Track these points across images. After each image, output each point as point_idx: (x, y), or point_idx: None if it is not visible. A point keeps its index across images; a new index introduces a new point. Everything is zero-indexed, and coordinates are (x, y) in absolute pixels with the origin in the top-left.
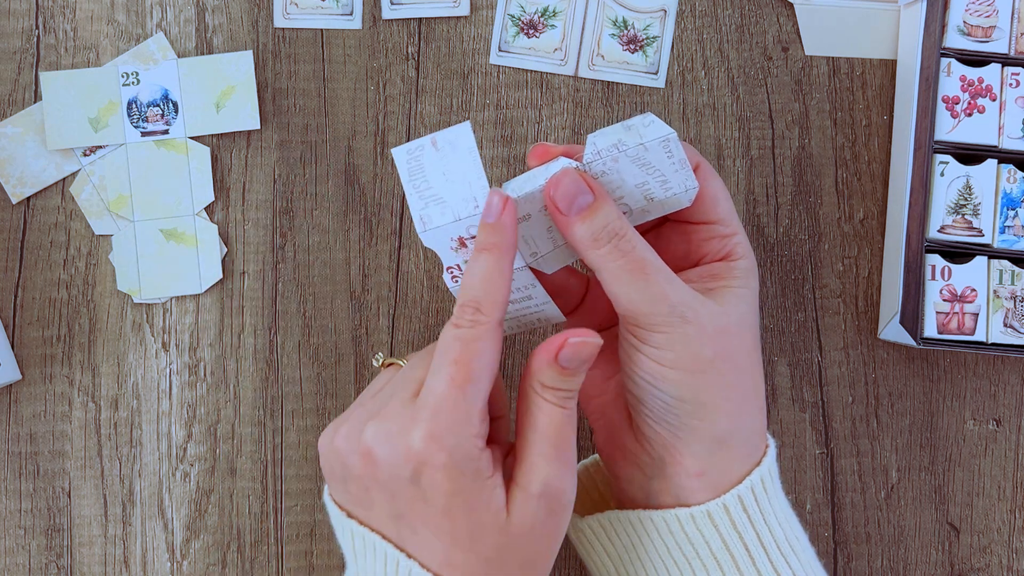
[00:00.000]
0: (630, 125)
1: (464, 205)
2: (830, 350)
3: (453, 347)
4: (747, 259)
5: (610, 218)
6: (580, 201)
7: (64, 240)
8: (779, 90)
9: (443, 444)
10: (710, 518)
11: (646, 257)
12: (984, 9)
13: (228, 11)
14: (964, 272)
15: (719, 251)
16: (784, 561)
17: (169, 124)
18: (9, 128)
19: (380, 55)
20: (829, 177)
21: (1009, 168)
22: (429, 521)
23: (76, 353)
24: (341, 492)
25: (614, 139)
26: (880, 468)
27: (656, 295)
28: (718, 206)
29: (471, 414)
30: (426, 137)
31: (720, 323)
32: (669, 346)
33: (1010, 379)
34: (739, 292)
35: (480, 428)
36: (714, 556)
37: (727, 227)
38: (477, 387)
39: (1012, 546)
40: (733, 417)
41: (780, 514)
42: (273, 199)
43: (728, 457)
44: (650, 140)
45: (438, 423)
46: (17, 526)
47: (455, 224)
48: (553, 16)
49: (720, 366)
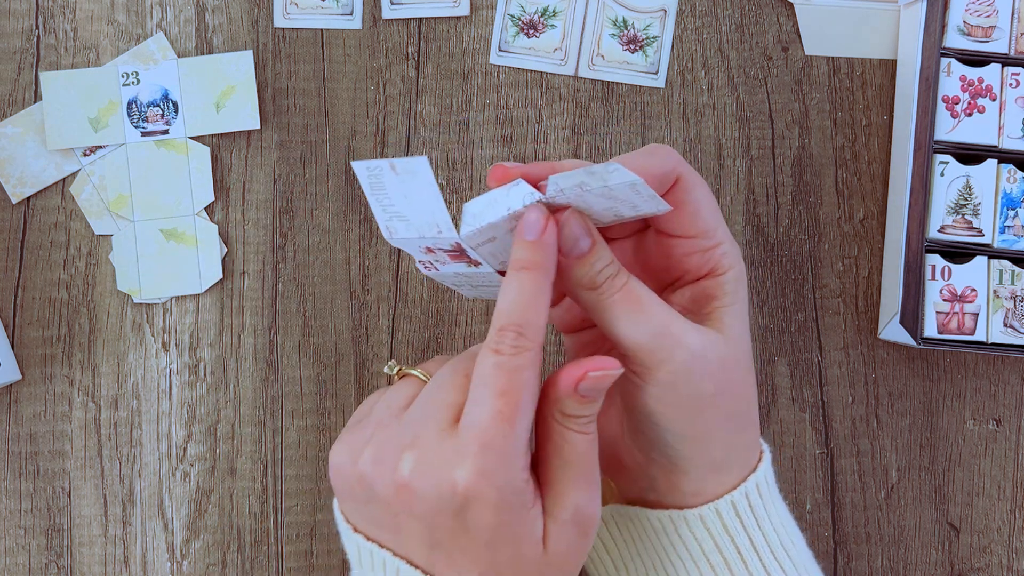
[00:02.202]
0: (593, 171)
1: (428, 228)
2: (830, 350)
3: (498, 377)
4: (735, 268)
5: (607, 260)
6: (580, 246)
7: (64, 240)
8: (779, 90)
9: (493, 481)
10: (702, 521)
11: (642, 291)
12: (984, 9)
13: (228, 11)
14: (964, 272)
15: (702, 266)
16: (777, 565)
17: (169, 124)
18: (9, 128)
19: (380, 55)
20: (829, 177)
21: (1009, 168)
22: (468, 552)
23: (76, 353)
24: (357, 512)
25: (577, 181)
26: (880, 468)
27: (658, 328)
28: (699, 219)
29: (519, 448)
30: (384, 160)
31: (721, 353)
32: (672, 386)
33: (1010, 379)
34: (732, 310)
35: (526, 460)
36: (706, 557)
37: (710, 239)
38: (525, 420)
39: (1012, 546)
40: (729, 444)
41: (775, 518)
42: (273, 199)
43: (723, 476)
44: (615, 184)
45: (487, 460)
46: (17, 526)
47: (420, 239)
48: (553, 16)
49: (720, 400)
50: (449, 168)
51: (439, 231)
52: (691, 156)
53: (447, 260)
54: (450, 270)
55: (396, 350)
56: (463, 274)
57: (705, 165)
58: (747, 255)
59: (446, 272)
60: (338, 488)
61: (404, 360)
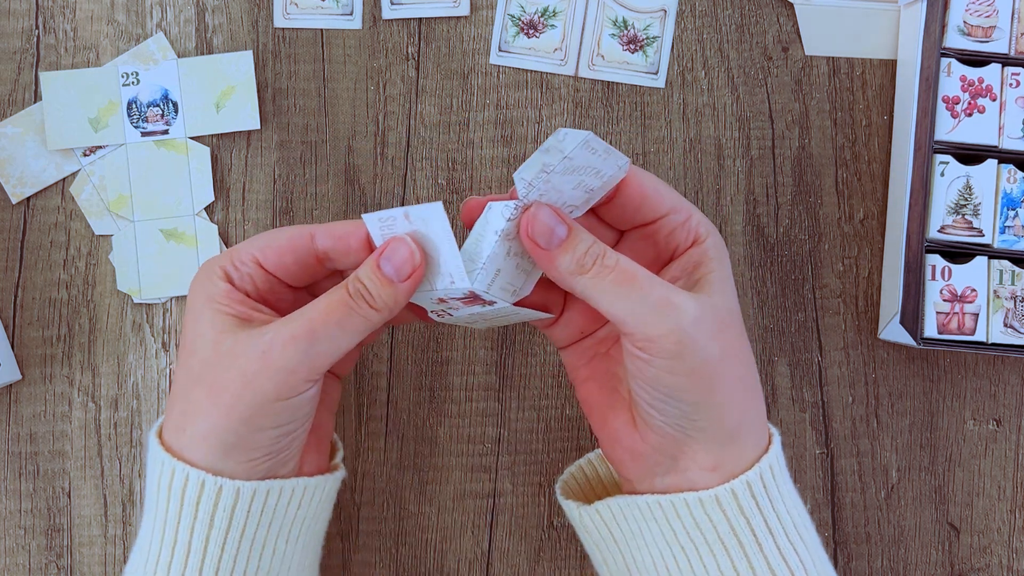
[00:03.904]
0: (547, 148)
1: (441, 279)
2: (830, 350)
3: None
4: (713, 235)
5: (589, 242)
6: (558, 233)
7: (64, 240)
8: (779, 90)
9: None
10: (718, 503)
11: (635, 267)
12: (984, 9)
13: (228, 11)
14: (964, 272)
15: (686, 239)
16: (792, 548)
17: (169, 124)
18: (9, 128)
19: (380, 55)
20: (829, 177)
21: (1009, 168)
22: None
23: (76, 353)
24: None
25: (538, 166)
26: (880, 468)
27: (658, 298)
28: (662, 198)
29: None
30: (398, 209)
31: (720, 315)
32: (680, 355)
33: (1010, 379)
34: (719, 275)
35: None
36: (721, 541)
37: (680, 213)
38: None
39: (1012, 546)
40: (742, 409)
41: (788, 501)
42: (273, 199)
43: (739, 447)
44: (571, 149)
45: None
46: (17, 526)
47: (432, 292)
48: (553, 16)
49: (726, 363)
50: (449, 168)
51: (452, 281)
52: (691, 156)
53: (460, 306)
54: (464, 313)
55: (395, 349)
56: (477, 313)
57: (705, 165)
58: (747, 255)
59: (459, 316)
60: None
61: (401, 359)
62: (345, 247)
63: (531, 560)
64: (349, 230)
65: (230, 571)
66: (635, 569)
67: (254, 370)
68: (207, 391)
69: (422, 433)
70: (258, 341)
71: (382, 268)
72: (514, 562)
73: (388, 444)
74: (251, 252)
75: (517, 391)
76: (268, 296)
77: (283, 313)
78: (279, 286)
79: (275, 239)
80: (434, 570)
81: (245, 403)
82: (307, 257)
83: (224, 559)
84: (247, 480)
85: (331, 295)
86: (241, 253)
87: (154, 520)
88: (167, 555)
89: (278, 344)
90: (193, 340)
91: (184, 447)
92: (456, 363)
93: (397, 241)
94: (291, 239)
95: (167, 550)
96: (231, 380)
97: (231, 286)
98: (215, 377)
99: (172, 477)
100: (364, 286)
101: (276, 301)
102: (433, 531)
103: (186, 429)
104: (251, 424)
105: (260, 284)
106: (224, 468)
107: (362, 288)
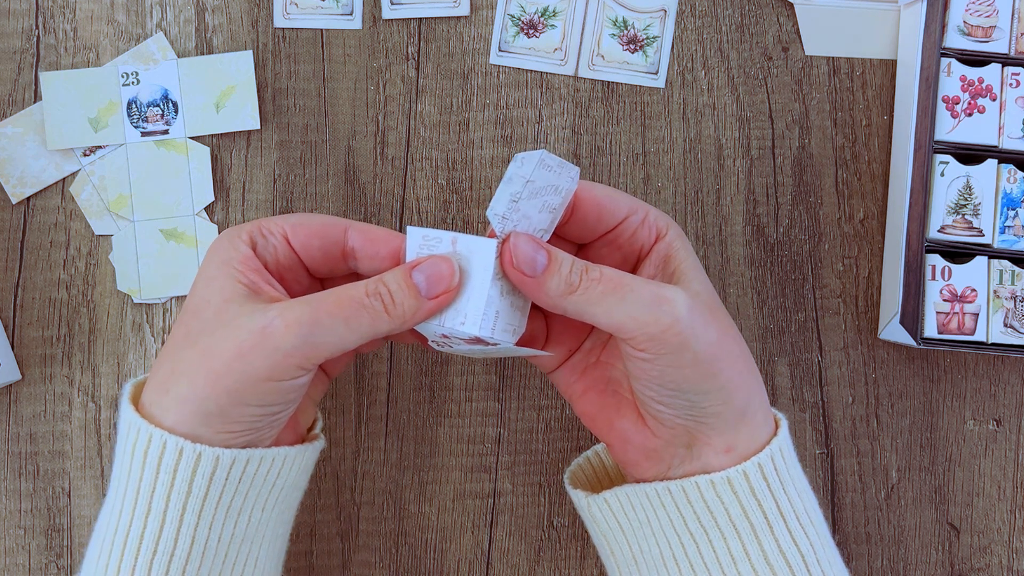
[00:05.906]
0: (510, 177)
1: (452, 316)
2: (830, 350)
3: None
4: (672, 226)
5: (570, 261)
6: (540, 260)
7: (64, 240)
8: (779, 90)
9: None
10: (730, 484)
11: (619, 274)
12: (984, 9)
13: (228, 11)
14: (964, 272)
15: (649, 236)
16: (802, 531)
17: (169, 124)
18: (9, 128)
19: (380, 55)
20: (829, 177)
21: (1009, 168)
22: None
23: (76, 353)
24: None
25: (507, 197)
26: (880, 468)
27: (650, 298)
28: (617, 203)
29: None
30: (447, 232)
31: (705, 300)
32: (683, 347)
33: (1010, 379)
34: (690, 263)
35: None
36: (732, 523)
37: (638, 213)
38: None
39: (1012, 546)
40: (747, 386)
41: (798, 484)
42: (273, 199)
43: (750, 427)
44: (531, 172)
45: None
46: (17, 526)
47: (439, 327)
48: (553, 16)
49: (725, 342)
50: (449, 168)
51: (463, 323)
52: (691, 156)
53: (463, 344)
54: (464, 348)
55: (395, 349)
56: (479, 349)
57: (705, 165)
58: (747, 255)
59: (459, 350)
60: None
61: (401, 359)
62: (374, 251)
63: (531, 560)
64: (384, 237)
65: (205, 539)
66: (642, 560)
67: (250, 344)
68: (199, 354)
69: (422, 433)
70: (261, 316)
71: (413, 278)
72: (514, 562)
73: (388, 444)
74: (282, 225)
75: (517, 391)
76: (285, 274)
77: (293, 296)
78: (298, 268)
79: (309, 220)
80: (434, 570)
81: (234, 375)
82: (334, 248)
83: (200, 527)
84: (225, 448)
85: (344, 289)
86: (271, 223)
87: (126, 486)
88: (139, 524)
89: (280, 324)
90: (198, 302)
91: (163, 409)
92: (456, 363)
93: (441, 259)
94: (324, 225)
95: (139, 520)
96: (225, 349)
97: (252, 252)
98: (210, 342)
99: (149, 444)
100: (388, 290)
101: (291, 282)
102: (433, 531)
103: (170, 390)
104: (235, 397)
105: (281, 259)
106: (201, 435)
107: (384, 291)
